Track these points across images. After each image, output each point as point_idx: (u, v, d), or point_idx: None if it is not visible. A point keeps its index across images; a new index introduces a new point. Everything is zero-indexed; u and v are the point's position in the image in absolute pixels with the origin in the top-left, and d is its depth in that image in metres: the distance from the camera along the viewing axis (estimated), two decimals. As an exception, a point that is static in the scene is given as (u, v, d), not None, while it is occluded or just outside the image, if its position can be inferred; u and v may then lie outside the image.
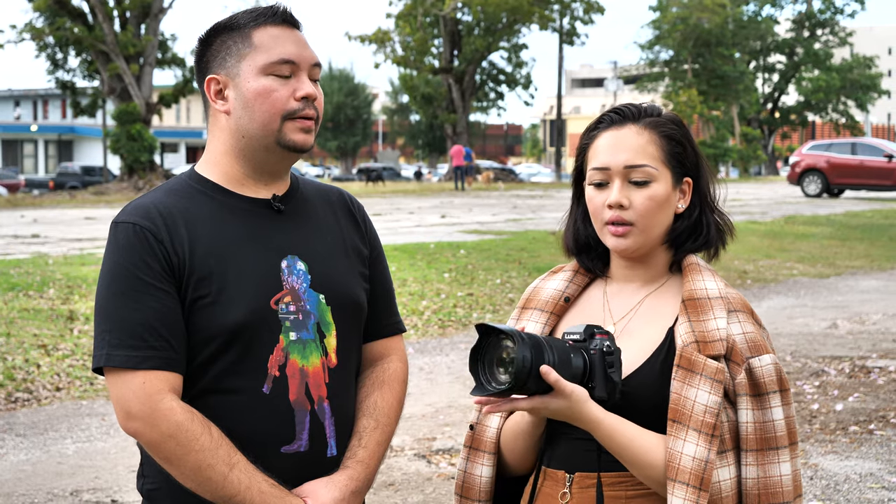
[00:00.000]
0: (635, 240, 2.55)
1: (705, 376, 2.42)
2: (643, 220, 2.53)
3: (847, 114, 78.28)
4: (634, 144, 2.55)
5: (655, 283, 2.62)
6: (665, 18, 70.89)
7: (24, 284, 13.22)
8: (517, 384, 2.29)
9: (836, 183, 36.95)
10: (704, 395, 2.40)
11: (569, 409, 2.37)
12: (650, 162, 2.54)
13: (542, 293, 2.73)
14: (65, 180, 57.37)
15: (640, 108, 2.61)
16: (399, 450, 7.53)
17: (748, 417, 2.45)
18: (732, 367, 2.46)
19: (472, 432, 2.68)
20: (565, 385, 2.34)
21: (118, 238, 2.53)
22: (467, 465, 2.67)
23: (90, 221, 25.16)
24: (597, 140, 2.60)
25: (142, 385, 2.46)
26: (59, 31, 43.50)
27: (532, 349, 2.30)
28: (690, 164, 2.61)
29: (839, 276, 17.49)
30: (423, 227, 23.62)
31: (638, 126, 2.57)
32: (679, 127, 2.61)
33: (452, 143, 56.50)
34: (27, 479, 6.99)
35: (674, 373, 2.44)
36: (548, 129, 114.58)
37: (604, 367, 2.40)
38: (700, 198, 2.63)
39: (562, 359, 2.35)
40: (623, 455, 2.43)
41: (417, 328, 12.38)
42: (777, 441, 2.46)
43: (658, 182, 2.54)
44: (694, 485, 2.37)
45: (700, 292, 2.52)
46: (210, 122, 2.67)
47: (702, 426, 2.39)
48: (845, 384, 9.44)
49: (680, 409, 2.41)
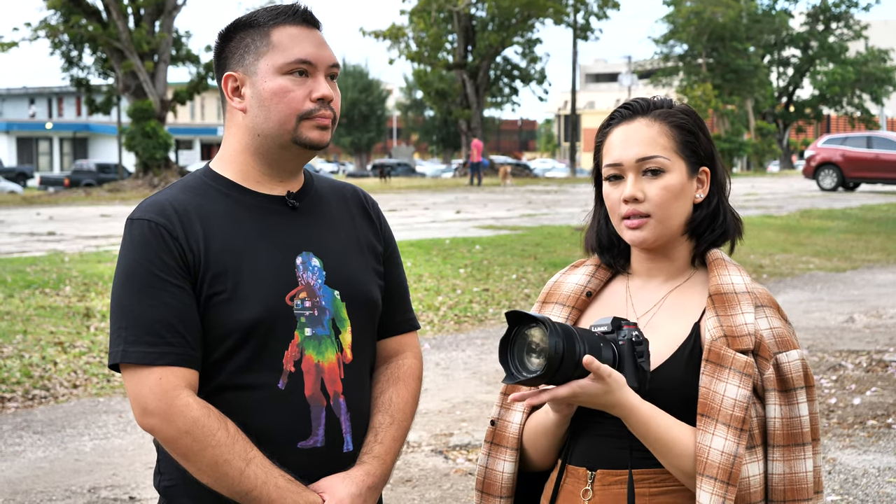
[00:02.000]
0: (652, 231, 2.53)
1: (734, 370, 2.41)
2: (659, 211, 2.52)
3: (862, 107, 77.98)
4: (645, 137, 2.54)
5: (679, 277, 2.61)
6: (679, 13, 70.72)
7: (40, 282, 13.26)
8: (549, 371, 2.28)
9: (852, 177, 36.85)
10: (734, 390, 2.40)
11: (607, 394, 2.35)
12: (661, 153, 2.53)
13: (564, 287, 2.71)
14: (80, 178, 57.49)
15: (650, 101, 2.61)
16: (416, 446, 7.53)
17: (776, 413, 2.45)
18: (760, 362, 2.45)
19: (494, 428, 2.67)
20: (605, 370, 2.32)
21: (133, 235, 2.54)
22: (488, 460, 2.66)
23: (105, 219, 25.21)
24: (609, 137, 2.60)
25: (158, 381, 2.46)
26: (74, 28, 43.52)
27: (563, 337, 2.28)
28: (706, 153, 2.59)
29: (855, 270, 17.44)
30: (439, 222, 23.62)
31: (648, 118, 2.56)
32: (690, 116, 2.59)
33: (468, 138, 56.48)
34: (45, 476, 7.01)
35: (702, 367, 2.43)
36: (562, 125, 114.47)
37: (633, 358, 2.38)
38: (718, 187, 2.61)
39: (592, 348, 2.33)
40: (656, 444, 2.42)
41: (433, 324, 12.37)
42: (803, 437, 2.46)
43: (672, 172, 2.53)
44: (722, 479, 2.36)
45: (727, 287, 2.51)
46: (227, 118, 2.68)
47: (731, 420, 2.38)
48: (863, 378, 9.41)
49: (709, 404, 2.40)
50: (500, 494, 2.64)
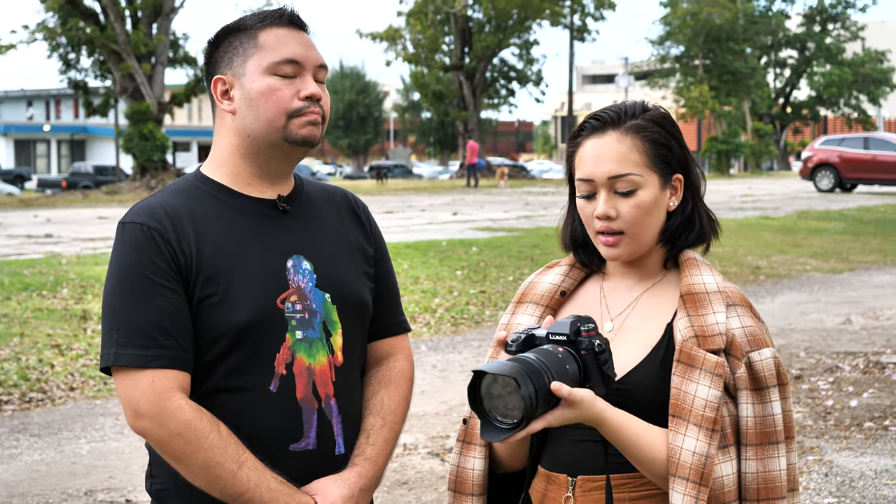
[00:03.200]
0: (626, 248, 2.54)
1: (705, 371, 2.41)
2: (632, 228, 2.51)
3: (859, 108, 78.00)
4: (616, 153, 2.50)
5: (652, 279, 2.60)
6: (675, 14, 70.70)
7: (37, 284, 13.25)
8: (527, 420, 2.24)
9: (849, 178, 36.88)
10: (704, 390, 2.40)
11: (579, 415, 2.34)
12: (634, 170, 2.50)
13: (538, 287, 2.71)
14: (77, 180, 57.52)
15: (621, 111, 2.55)
16: (412, 448, 7.53)
17: (749, 412, 2.44)
18: (732, 361, 2.45)
19: (466, 427, 2.66)
20: (575, 395, 2.30)
21: (125, 238, 2.55)
22: (460, 459, 2.65)
23: (103, 221, 25.19)
24: (581, 148, 2.56)
25: (150, 384, 2.46)
26: (72, 30, 43.52)
27: (533, 381, 2.24)
28: (678, 160, 2.57)
29: (853, 272, 17.44)
30: (435, 224, 23.62)
31: (619, 132, 2.52)
32: (663, 126, 2.55)
33: (464, 140, 56.49)
34: (41, 479, 7.00)
35: (674, 367, 2.44)
36: (559, 126, 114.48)
37: (598, 366, 2.36)
38: (692, 192, 2.60)
39: (559, 374, 2.30)
40: (629, 451, 2.42)
41: (430, 326, 12.37)
42: (776, 435, 2.46)
43: (644, 189, 2.51)
44: (694, 480, 2.36)
45: (698, 287, 2.51)
46: (217, 122, 2.69)
47: (702, 421, 2.38)
48: (860, 380, 9.41)
49: (680, 404, 2.40)
50: (471, 493, 2.63)
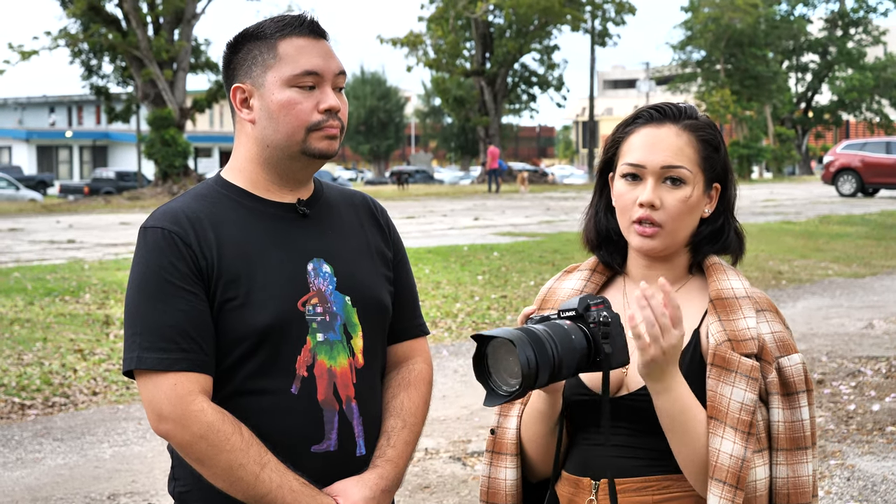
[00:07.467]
0: (662, 241, 2.53)
1: (740, 374, 2.41)
2: (672, 223, 2.51)
3: (881, 113, 77.69)
4: (673, 145, 2.52)
5: (676, 284, 2.60)
6: (697, 19, 70.53)
7: (60, 289, 13.31)
8: (526, 386, 2.28)
9: (871, 182, 36.72)
10: (740, 393, 2.40)
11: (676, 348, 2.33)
12: (687, 164, 2.52)
13: (559, 293, 2.70)
14: (99, 185, 57.64)
15: (680, 108, 2.58)
16: (434, 452, 7.53)
17: (780, 417, 2.45)
18: (763, 366, 2.45)
19: (493, 437, 2.66)
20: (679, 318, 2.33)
21: (147, 242, 2.56)
22: (490, 469, 2.65)
23: (125, 226, 25.28)
24: (633, 135, 2.57)
25: (173, 387, 2.48)
26: (94, 37, 43.67)
27: (533, 347, 2.27)
28: (721, 169, 2.59)
29: (875, 276, 17.37)
30: (457, 229, 23.62)
31: (678, 127, 2.55)
32: (715, 132, 2.58)
33: (485, 145, 56.46)
34: (65, 483, 7.03)
35: (708, 371, 2.43)
36: (580, 131, 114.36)
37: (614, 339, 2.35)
38: (725, 205, 2.61)
39: (563, 344, 2.31)
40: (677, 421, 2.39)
41: (451, 330, 12.37)
42: (805, 441, 2.46)
43: (691, 185, 2.52)
44: (731, 483, 2.36)
45: (727, 291, 2.51)
46: (237, 128, 2.70)
47: (738, 424, 2.38)
48: (882, 384, 9.38)
49: (717, 407, 2.40)
50: (505, 503, 2.62)
